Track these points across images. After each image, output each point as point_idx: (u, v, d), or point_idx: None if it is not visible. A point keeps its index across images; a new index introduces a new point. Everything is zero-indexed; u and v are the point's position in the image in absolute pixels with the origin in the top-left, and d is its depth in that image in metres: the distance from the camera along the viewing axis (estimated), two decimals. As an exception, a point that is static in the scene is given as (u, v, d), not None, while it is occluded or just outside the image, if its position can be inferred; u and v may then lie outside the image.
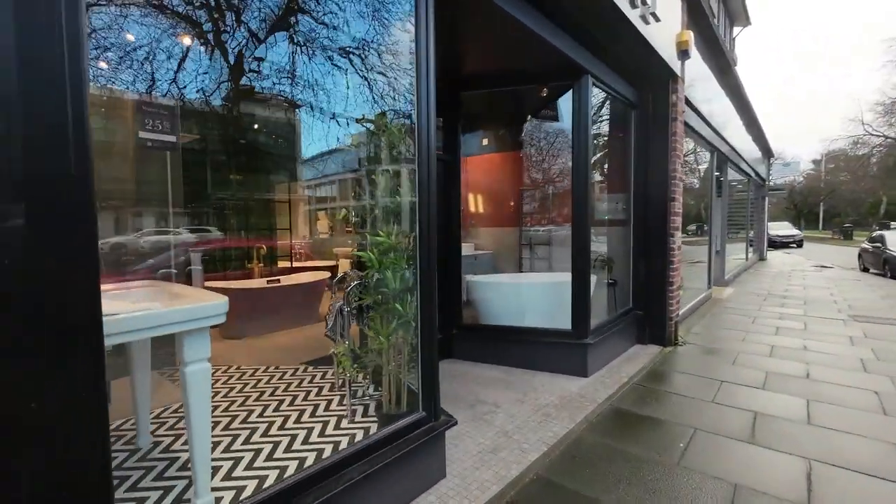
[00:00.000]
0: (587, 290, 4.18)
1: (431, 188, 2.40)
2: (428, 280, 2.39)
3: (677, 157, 5.27)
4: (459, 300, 4.58)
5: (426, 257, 2.38)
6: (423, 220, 2.36)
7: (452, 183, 4.48)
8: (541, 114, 6.42)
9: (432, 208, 2.40)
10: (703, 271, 9.21)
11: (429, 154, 2.37)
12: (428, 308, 2.40)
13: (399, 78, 2.72)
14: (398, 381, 2.49)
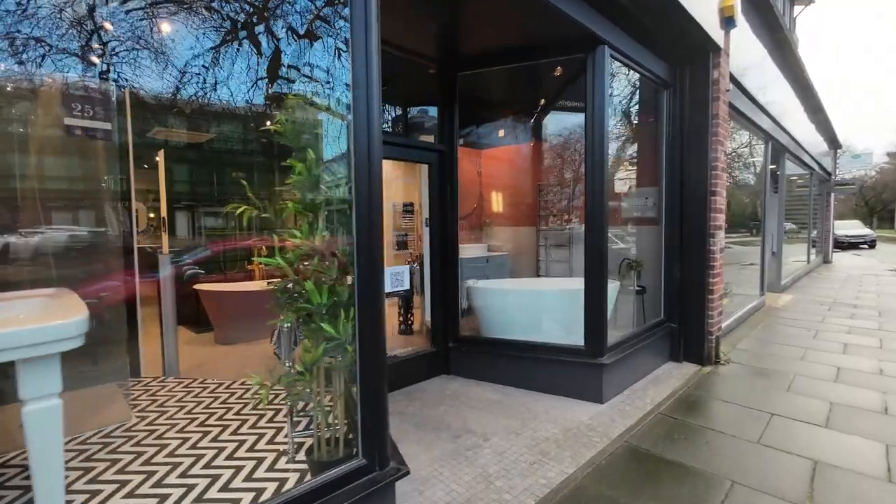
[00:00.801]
0: (602, 300, 3.53)
1: (374, 179, 1.90)
2: (371, 294, 1.90)
3: (719, 144, 4.49)
4: (457, 309, 4.05)
5: (368, 264, 1.88)
6: (363, 218, 1.87)
7: (448, 177, 3.96)
8: (559, 104, 5.78)
9: (375, 204, 1.90)
10: (756, 275, 8.16)
11: (369, 134, 1.87)
12: (371, 329, 1.90)
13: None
14: (334, 418, 2.00)
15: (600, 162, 3.47)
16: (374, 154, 1.90)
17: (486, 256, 5.89)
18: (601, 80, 3.43)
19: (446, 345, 4.03)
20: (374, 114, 1.90)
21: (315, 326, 1.80)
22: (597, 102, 3.46)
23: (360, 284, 1.88)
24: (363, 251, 1.87)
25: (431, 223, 3.93)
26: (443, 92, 3.90)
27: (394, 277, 3.64)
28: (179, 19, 3.69)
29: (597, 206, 3.49)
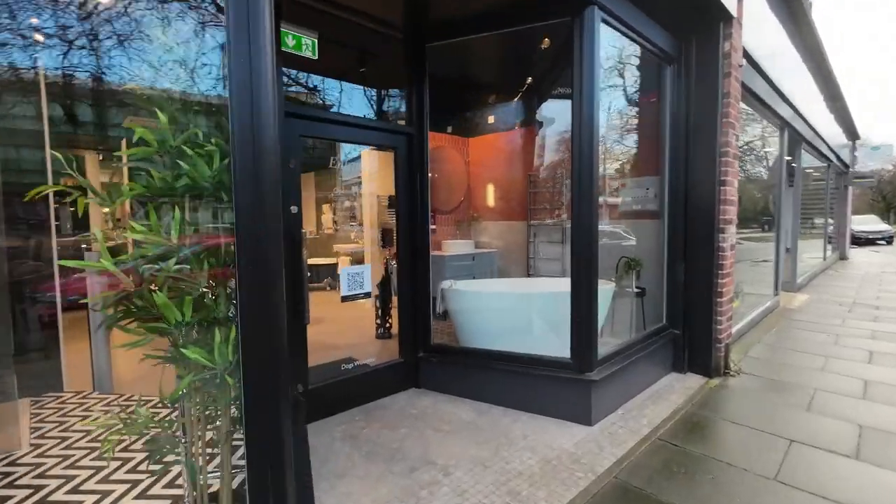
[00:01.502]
0: (591, 306, 3.03)
1: (265, 153, 1.42)
2: (261, 307, 1.42)
3: (730, 127, 3.95)
4: (428, 314, 3.57)
5: (255, 268, 1.41)
6: (247, 207, 1.39)
7: (418, 163, 3.47)
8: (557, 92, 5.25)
9: (268, 187, 1.43)
10: (769, 273, 7.58)
11: (254, 87, 1.39)
12: (261, 353, 1.43)
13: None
14: (208, 473, 1.54)
15: (588, 144, 2.96)
16: (264, 117, 1.42)
17: (472, 254, 5.40)
18: (590, 48, 2.91)
19: (416, 354, 3.56)
20: (265, 58, 1.42)
21: (174, 352, 1.33)
22: (585, 74, 2.94)
23: (244, 295, 1.40)
24: (247, 250, 1.40)
25: (398, 216, 3.45)
26: (409, 66, 3.40)
27: (351, 279, 3.17)
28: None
29: (585, 198, 2.99)
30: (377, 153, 5.91)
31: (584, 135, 2.96)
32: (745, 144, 6.53)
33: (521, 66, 4.75)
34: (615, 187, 4.79)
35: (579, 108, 2.96)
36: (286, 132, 2.73)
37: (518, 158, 5.56)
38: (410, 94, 3.42)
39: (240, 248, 1.40)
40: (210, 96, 1.55)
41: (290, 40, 3.14)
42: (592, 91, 2.94)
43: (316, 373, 3.17)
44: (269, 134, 1.45)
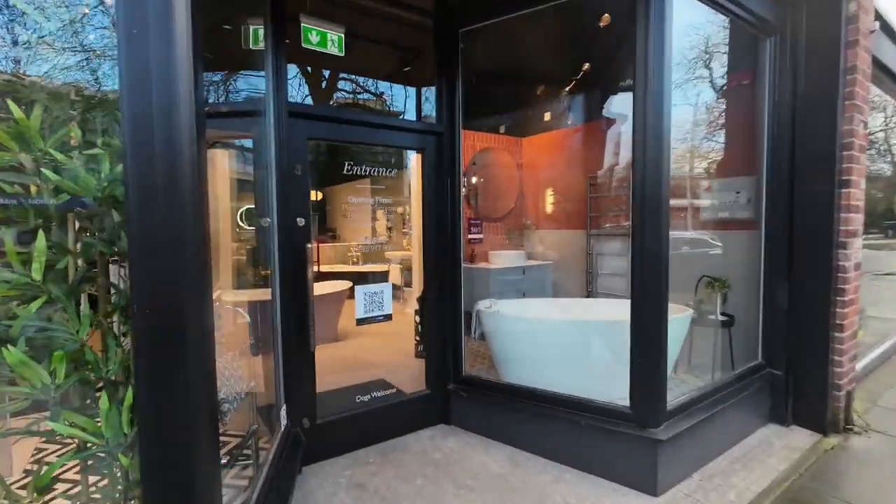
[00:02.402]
0: (658, 347, 2.38)
1: (179, 165, 1.05)
2: (165, 359, 1.05)
3: (857, 111, 3.04)
4: (459, 339, 3.09)
5: (158, 306, 1.04)
6: (149, 230, 1.03)
7: (448, 167, 3.02)
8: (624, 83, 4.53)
9: (183, 201, 1.06)
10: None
11: (168, 79, 1.03)
12: (165, 424, 1.06)
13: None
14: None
15: (656, 132, 2.32)
16: (175, 115, 1.05)
17: (522, 267, 4.84)
18: (660, 17, 2.28)
19: (445, 385, 3.10)
20: (176, 39, 1.05)
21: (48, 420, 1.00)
22: (652, 48, 2.31)
23: (141, 345, 1.04)
24: (146, 285, 1.04)
25: (425, 226, 3.03)
26: (440, 55, 2.97)
27: (368, 299, 2.79)
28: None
29: (649, 214, 2.34)
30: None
31: (647, 112, 2.32)
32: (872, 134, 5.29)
33: (575, 52, 4.12)
34: (696, 189, 3.99)
35: (642, 82, 2.33)
36: (291, 135, 2.42)
37: (577, 159, 4.91)
38: (440, 87, 2.98)
39: (134, 286, 1.03)
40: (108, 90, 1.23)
41: (313, 36, 2.85)
42: (662, 63, 2.30)
43: (333, 399, 2.83)
44: (183, 134, 1.07)
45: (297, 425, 2.48)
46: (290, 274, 2.39)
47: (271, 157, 2.29)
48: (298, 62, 3.44)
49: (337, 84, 3.38)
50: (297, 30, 2.75)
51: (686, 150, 3.90)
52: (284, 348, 2.38)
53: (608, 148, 4.88)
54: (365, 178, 4.37)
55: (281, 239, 2.34)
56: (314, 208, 2.93)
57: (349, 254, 8.45)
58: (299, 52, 2.78)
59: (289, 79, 2.62)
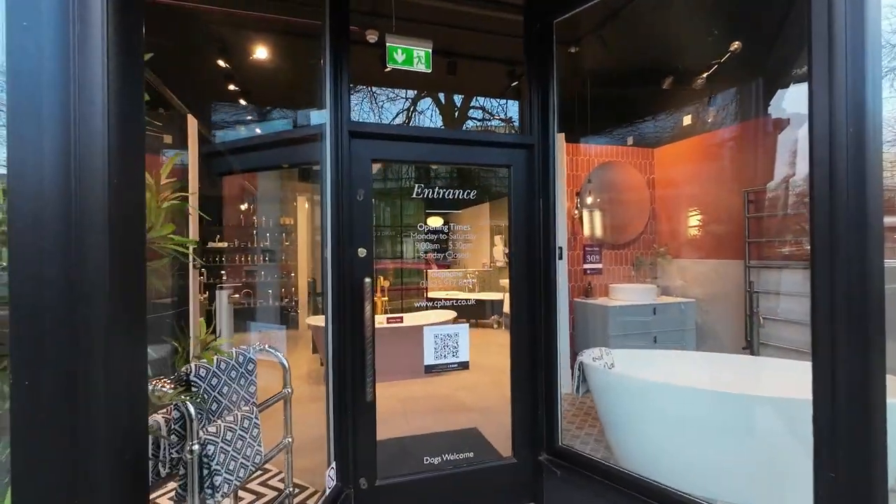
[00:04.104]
0: (869, 442, 1.46)
1: (91, 195, 0.81)
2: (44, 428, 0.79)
3: None
4: (555, 396, 2.46)
5: (45, 356, 0.79)
6: (21, 250, 0.80)
7: (541, 184, 2.48)
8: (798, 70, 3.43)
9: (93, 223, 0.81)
10: None
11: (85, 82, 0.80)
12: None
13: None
14: None
15: (857, 137, 1.48)
16: (84, 123, 0.82)
17: (653, 305, 3.92)
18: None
19: (535, 456, 2.48)
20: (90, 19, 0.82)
21: None
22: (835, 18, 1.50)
23: (17, 406, 0.80)
24: (22, 323, 0.79)
25: (511, 255, 2.53)
26: (529, 54, 2.50)
27: (439, 343, 2.38)
28: None
29: (849, 216, 1.49)
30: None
31: (848, 100, 1.50)
32: None
33: (717, 27, 3.21)
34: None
35: (827, 59, 1.52)
36: (352, 156, 2.20)
37: (730, 170, 3.85)
38: (531, 92, 2.50)
39: (16, 320, 0.80)
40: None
41: (398, 55, 2.67)
42: (863, 46, 1.47)
43: (404, 450, 2.48)
44: (97, 151, 0.83)
45: (350, 486, 2.16)
46: (346, 312, 2.13)
47: (326, 182, 2.08)
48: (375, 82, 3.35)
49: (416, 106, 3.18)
50: (378, 50, 2.59)
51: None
52: (337, 397, 2.10)
53: (780, 156, 3.72)
54: (482, 202, 4.13)
55: (336, 272, 2.10)
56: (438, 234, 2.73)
57: (464, 281, 8.23)
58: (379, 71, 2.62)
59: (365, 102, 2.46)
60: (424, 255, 2.80)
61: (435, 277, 8.46)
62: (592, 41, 3.66)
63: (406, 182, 6.34)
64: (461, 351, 2.41)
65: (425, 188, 2.56)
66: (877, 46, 1.50)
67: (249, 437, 1.51)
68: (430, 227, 2.76)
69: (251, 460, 1.51)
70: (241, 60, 3.88)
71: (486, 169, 4.08)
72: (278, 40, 3.46)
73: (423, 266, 3.21)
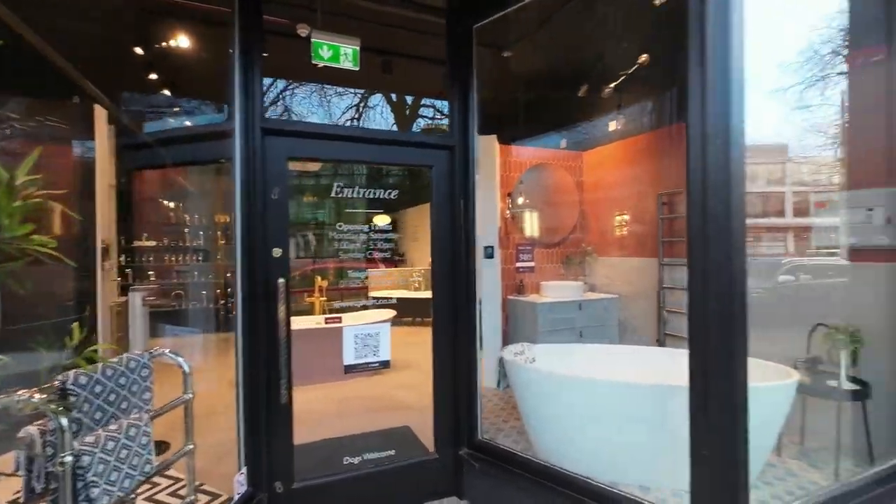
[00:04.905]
0: (734, 428, 1.62)
1: None
2: None
3: None
4: (474, 392, 2.54)
5: None
6: None
7: (461, 185, 2.54)
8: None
9: None
10: None
11: None
12: None
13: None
14: None
15: (722, 134, 1.65)
16: None
17: (579, 301, 4.12)
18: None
19: (456, 450, 2.55)
20: None
21: None
22: (710, 25, 1.66)
23: None
24: None
25: (433, 254, 2.57)
26: (451, 58, 2.55)
27: (360, 342, 2.39)
28: None
29: (717, 223, 1.65)
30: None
31: (710, 112, 1.66)
32: None
33: (629, 41, 3.42)
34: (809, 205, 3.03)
35: (701, 63, 1.68)
36: (265, 155, 2.15)
37: (648, 173, 4.12)
38: (452, 95, 2.55)
39: None
40: None
41: (324, 51, 2.63)
42: (727, 55, 1.64)
43: (327, 452, 2.46)
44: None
45: (264, 490, 2.12)
46: (259, 313, 2.09)
47: (237, 180, 2.03)
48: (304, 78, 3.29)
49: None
50: (301, 45, 2.54)
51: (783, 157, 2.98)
52: (248, 401, 2.05)
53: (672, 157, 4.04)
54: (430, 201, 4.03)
55: (247, 273, 2.05)
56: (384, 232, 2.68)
57: (411, 279, 8.21)
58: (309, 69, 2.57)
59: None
60: (370, 253, 2.78)
61: (380, 276, 8.39)
62: (524, 46, 3.78)
63: (355, 179, 6.22)
64: (382, 350, 2.43)
65: (369, 187, 2.55)
66: (739, 77, 1.67)
67: (137, 445, 1.45)
68: (375, 226, 2.74)
69: (139, 469, 1.45)
70: (161, 49, 3.68)
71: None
72: (198, 29, 3.31)
73: (366, 265, 3.17)
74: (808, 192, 4.56)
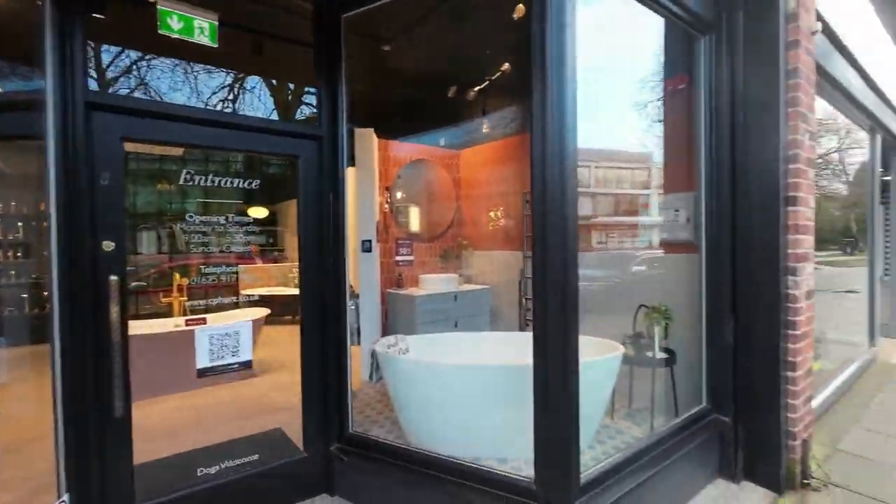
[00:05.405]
0: (567, 397, 1.88)
1: None
2: None
3: (801, 119, 2.68)
4: (344, 385, 2.53)
5: None
6: None
7: (330, 178, 2.50)
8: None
9: None
10: (861, 311, 5.86)
11: None
12: None
13: None
14: None
15: (556, 135, 1.88)
16: None
17: (454, 293, 4.33)
18: (558, 11, 1.85)
19: (326, 447, 2.51)
20: None
21: None
22: (551, 38, 1.88)
23: None
24: None
25: (301, 247, 2.49)
26: (318, 45, 2.49)
27: (216, 344, 2.21)
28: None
29: (551, 216, 1.89)
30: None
31: (546, 114, 1.88)
32: (821, 158, 5.07)
33: (493, 49, 3.70)
34: (636, 206, 3.58)
35: (540, 75, 1.89)
36: (92, 134, 1.86)
37: (515, 173, 4.48)
38: (321, 83, 2.48)
39: None
40: None
41: (174, 22, 2.33)
42: (562, 55, 1.87)
43: (186, 465, 2.23)
44: None
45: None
46: (85, 316, 1.81)
47: (51, 161, 1.73)
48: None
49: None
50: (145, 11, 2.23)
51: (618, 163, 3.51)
52: (72, 418, 1.77)
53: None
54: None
55: (66, 269, 1.76)
56: (264, 224, 2.42)
57: (290, 275, 7.76)
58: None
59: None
60: (247, 248, 2.55)
61: (256, 272, 7.81)
62: (402, 43, 3.82)
63: (230, 167, 5.68)
64: (243, 350, 2.28)
65: (244, 177, 2.33)
66: (573, 100, 1.93)
67: None
68: (250, 219, 2.52)
69: None
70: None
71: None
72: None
73: (237, 260, 2.89)
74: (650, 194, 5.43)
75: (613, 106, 4.03)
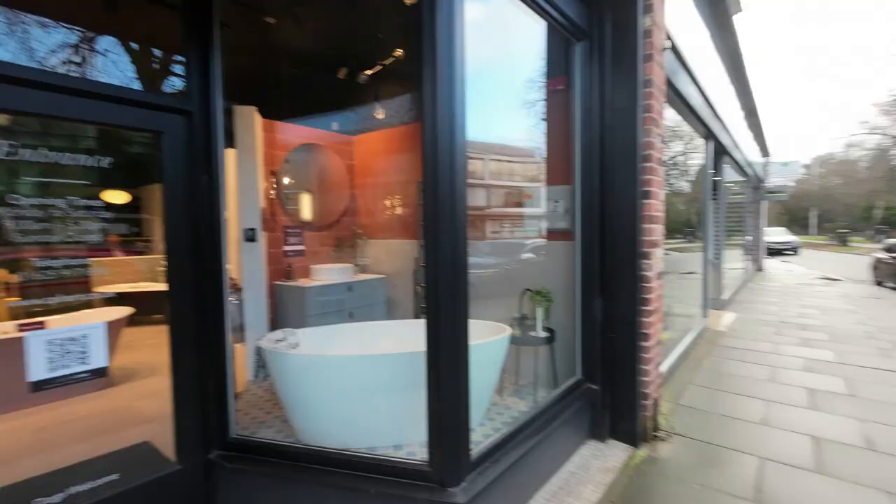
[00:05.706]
0: (457, 380, 1.95)
1: None
2: None
3: (653, 124, 3.10)
4: (224, 387, 2.32)
5: None
6: None
7: (203, 158, 2.24)
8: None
9: None
10: (697, 289, 7.05)
11: None
12: None
13: None
14: None
15: (446, 128, 1.92)
16: None
17: (348, 283, 4.21)
18: (447, 9, 1.87)
19: (206, 455, 2.29)
20: None
21: None
22: (440, 25, 1.89)
23: None
24: None
25: (167, 237, 2.20)
26: (186, 8, 2.19)
27: (57, 349, 1.87)
28: None
29: (440, 205, 1.93)
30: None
31: (436, 106, 1.91)
32: (671, 160, 5.94)
33: (383, 31, 3.65)
34: (521, 198, 3.83)
35: (430, 69, 1.90)
36: None
37: (410, 162, 4.49)
38: (189, 50, 2.20)
39: None
40: None
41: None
42: (451, 50, 1.90)
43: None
44: None
45: None
46: None
47: None
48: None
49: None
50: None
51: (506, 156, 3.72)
52: None
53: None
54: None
55: None
56: (121, 211, 1.97)
57: (159, 268, 6.86)
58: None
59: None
60: (102, 238, 2.13)
61: (118, 266, 6.78)
62: (287, 16, 3.54)
63: (77, 142, 4.72)
64: (94, 356, 1.96)
65: (87, 153, 1.92)
66: (462, 89, 1.98)
67: None
68: (104, 203, 2.10)
69: None
70: None
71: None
72: None
73: (88, 253, 2.40)
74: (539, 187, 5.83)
75: (507, 103, 4.24)
